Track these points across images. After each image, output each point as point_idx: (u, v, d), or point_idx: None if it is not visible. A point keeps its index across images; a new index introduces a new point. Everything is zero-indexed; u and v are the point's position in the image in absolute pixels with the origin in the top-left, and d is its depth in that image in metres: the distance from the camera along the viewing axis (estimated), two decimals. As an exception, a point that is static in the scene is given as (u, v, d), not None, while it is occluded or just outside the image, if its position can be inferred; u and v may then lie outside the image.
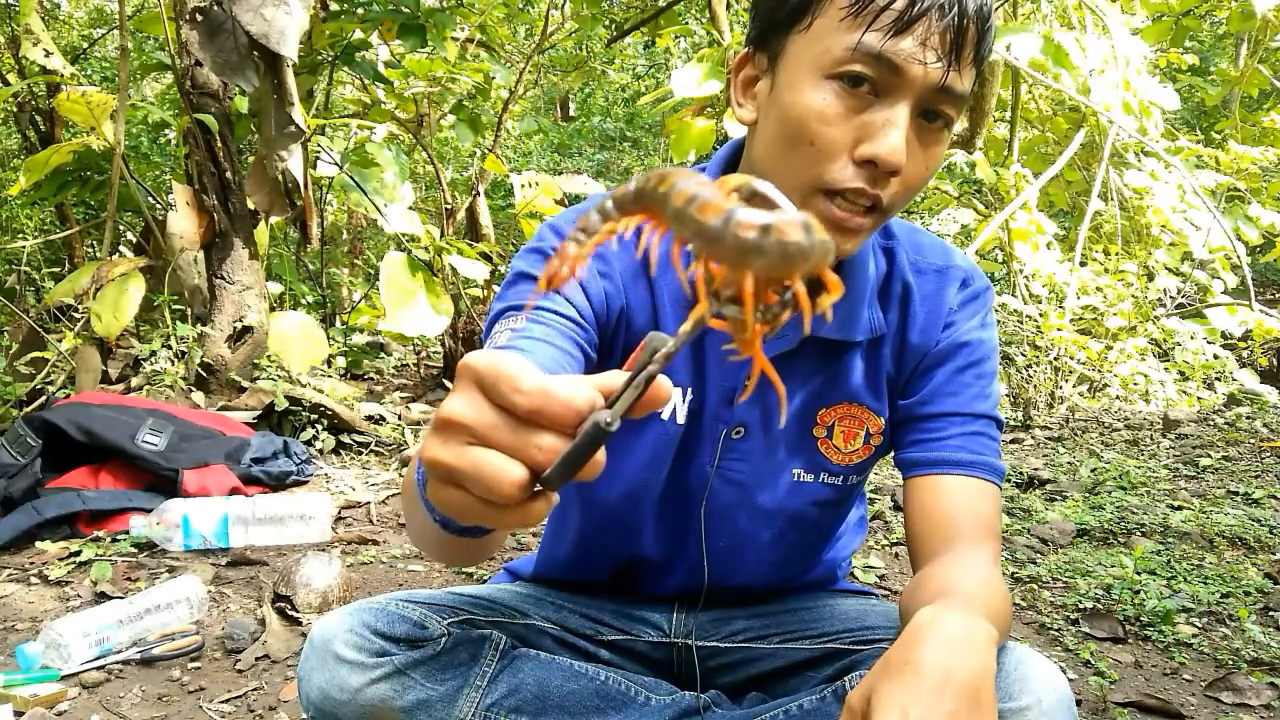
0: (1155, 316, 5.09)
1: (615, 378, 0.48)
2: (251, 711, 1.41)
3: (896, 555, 2.28)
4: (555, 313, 0.88)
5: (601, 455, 0.47)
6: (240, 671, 1.53)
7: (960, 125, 4.62)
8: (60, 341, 2.94)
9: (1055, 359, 4.74)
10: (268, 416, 2.94)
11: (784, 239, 0.38)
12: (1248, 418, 3.99)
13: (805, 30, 0.80)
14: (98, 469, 2.28)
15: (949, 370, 0.96)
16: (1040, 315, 4.70)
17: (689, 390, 0.95)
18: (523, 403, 0.46)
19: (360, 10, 3.79)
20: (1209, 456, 3.26)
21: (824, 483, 0.98)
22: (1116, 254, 5.21)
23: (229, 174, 3.16)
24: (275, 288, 4.54)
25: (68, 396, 2.66)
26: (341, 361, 4.21)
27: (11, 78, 4.14)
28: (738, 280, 0.41)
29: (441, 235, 4.20)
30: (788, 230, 0.38)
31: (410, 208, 4.19)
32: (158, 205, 3.53)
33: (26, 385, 2.86)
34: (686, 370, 0.95)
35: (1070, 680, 1.48)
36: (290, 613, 1.68)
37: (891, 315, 0.97)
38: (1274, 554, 2.24)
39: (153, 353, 3.01)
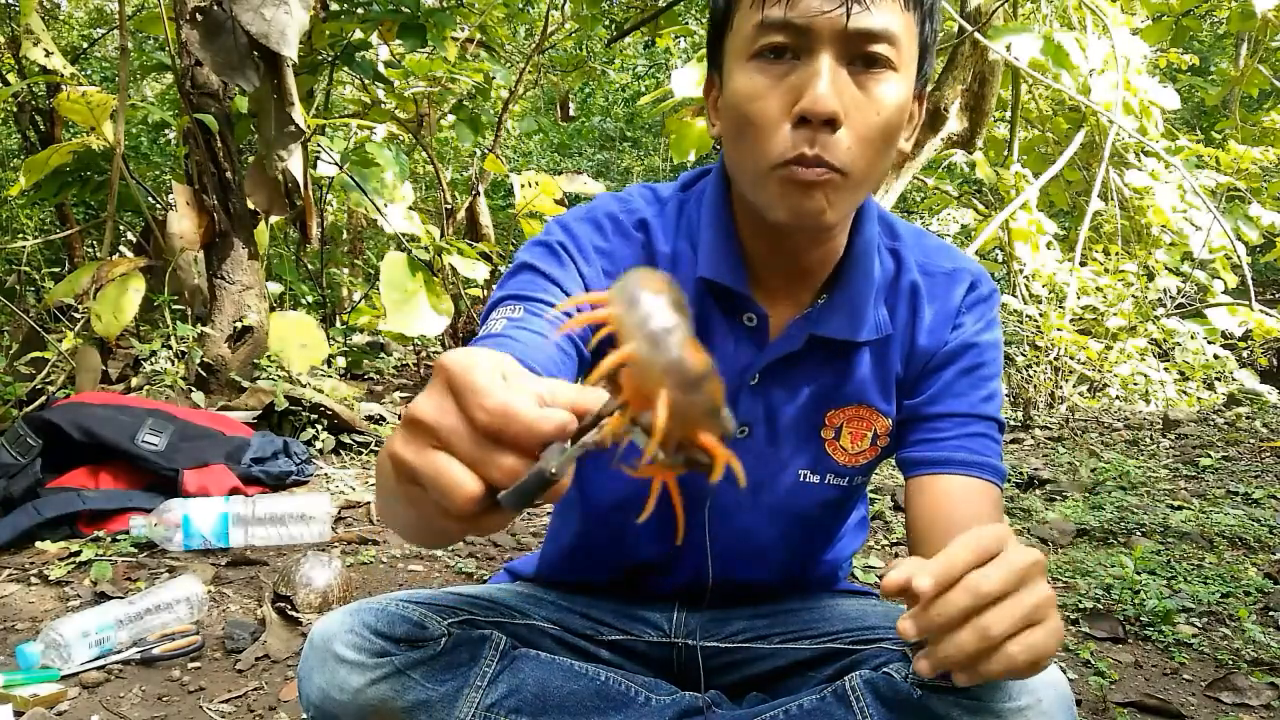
0: (1155, 316, 5.09)
1: (594, 396, 0.47)
2: (251, 711, 1.41)
3: (896, 555, 2.28)
4: (553, 306, 0.88)
5: (567, 479, 0.46)
6: (240, 671, 1.53)
7: (960, 125, 4.61)
8: (60, 341, 2.94)
9: (1055, 359, 4.74)
10: (268, 416, 2.94)
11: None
12: (1248, 418, 3.99)
13: (732, 31, 0.85)
14: (98, 469, 2.28)
15: (954, 371, 0.96)
16: (1040, 315, 4.70)
17: None
18: (482, 419, 0.45)
19: (360, 10, 3.79)
20: (1209, 456, 3.25)
21: (830, 484, 0.98)
22: (1116, 254, 5.20)
23: (229, 174, 3.16)
24: (275, 288, 4.54)
25: (68, 396, 2.65)
26: (341, 361, 4.21)
27: (11, 78, 4.14)
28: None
29: (441, 235, 4.21)
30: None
31: (410, 208, 4.20)
32: (158, 205, 3.52)
33: (26, 385, 2.86)
34: None
35: (1070, 680, 1.48)
36: (290, 613, 1.67)
37: (899, 316, 0.97)
38: (1274, 554, 2.24)
39: (153, 353, 3.01)
